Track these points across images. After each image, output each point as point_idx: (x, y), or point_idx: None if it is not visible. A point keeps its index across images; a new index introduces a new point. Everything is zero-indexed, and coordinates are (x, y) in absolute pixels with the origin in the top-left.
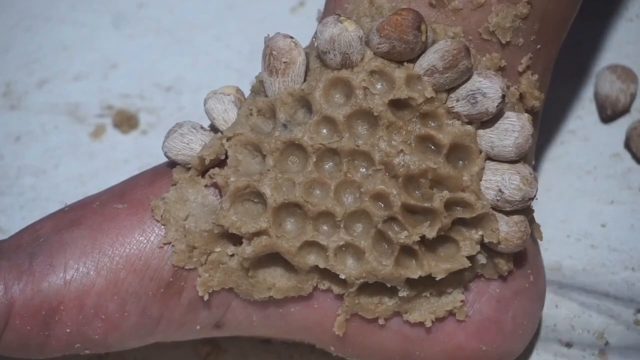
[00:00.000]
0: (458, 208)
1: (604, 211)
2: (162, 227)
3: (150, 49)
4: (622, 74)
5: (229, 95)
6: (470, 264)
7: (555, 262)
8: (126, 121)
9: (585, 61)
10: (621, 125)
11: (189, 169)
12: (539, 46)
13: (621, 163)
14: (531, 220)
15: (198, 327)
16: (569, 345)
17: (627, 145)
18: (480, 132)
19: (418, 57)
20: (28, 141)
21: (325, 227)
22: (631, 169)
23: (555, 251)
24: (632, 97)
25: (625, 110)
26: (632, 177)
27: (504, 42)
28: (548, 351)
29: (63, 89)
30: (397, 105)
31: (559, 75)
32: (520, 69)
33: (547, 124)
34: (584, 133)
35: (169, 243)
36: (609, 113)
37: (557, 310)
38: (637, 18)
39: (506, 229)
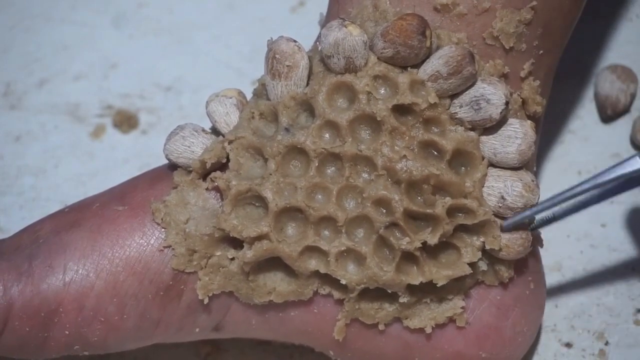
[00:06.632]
0: (460, 214)
1: (604, 211)
2: (163, 230)
3: (150, 49)
4: (622, 74)
5: (231, 98)
6: (471, 271)
7: (555, 262)
8: (126, 121)
9: (585, 61)
10: (621, 125)
11: (190, 172)
12: (541, 52)
13: None
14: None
15: (197, 330)
16: (569, 345)
17: (633, 139)
18: (483, 138)
19: (422, 62)
20: (28, 141)
21: (326, 232)
22: None
23: (555, 251)
24: (632, 97)
25: (626, 110)
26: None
27: (507, 47)
28: (548, 351)
29: (63, 89)
30: (401, 110)
31: (559, 75)
32: (522, 74)
33: (547, 124)
34: (584, 133)
35: (169, 246)
36: (609, 113)
37: (557, 310)
38: (637, 18)
39: (507, 235)
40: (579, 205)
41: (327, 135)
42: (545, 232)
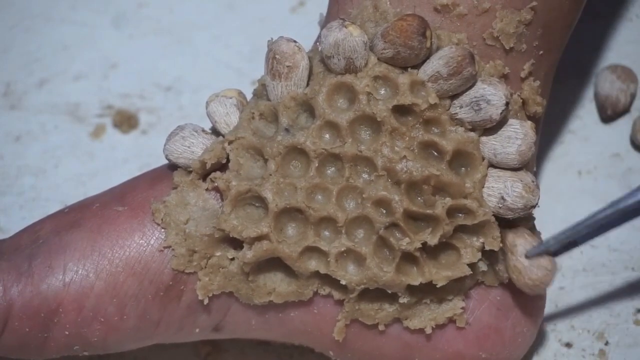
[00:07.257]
0: (460, 215)
1: None
2: (163, 230)
3: (150, 49)
4: (622, 74)
5: (231, 98)
6: (471, 272)
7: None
8: (126, 121)
9: (585, 61)
10: (621, 125)
11: (190, 172)
12: (541, 52)
13: (621, 163)
14: (532, 228)
15: (197, 330)
16: (569, 345)
17: (633, 139)
18: (483, 139)
19: (422, 63)
20: (28, 141)
21: (326, 233)
22: (631, 168)
23: None
24: (632, 97)
25: (625, 110)
26: (632, 177)
27: (507, 47)
28: (548, 351)
29: (63, 89)
30: (401, 111)
31: (559, 75)
32: (522, 75)
33: (547, 124)
34: (584, 133)
35: (169, 247)
36: (609, 113)
37: (557, 310)
38: (637, 18)
39: (535, 271)
40: (600, 229)
41: (327, 136)
42: (545, 232)
